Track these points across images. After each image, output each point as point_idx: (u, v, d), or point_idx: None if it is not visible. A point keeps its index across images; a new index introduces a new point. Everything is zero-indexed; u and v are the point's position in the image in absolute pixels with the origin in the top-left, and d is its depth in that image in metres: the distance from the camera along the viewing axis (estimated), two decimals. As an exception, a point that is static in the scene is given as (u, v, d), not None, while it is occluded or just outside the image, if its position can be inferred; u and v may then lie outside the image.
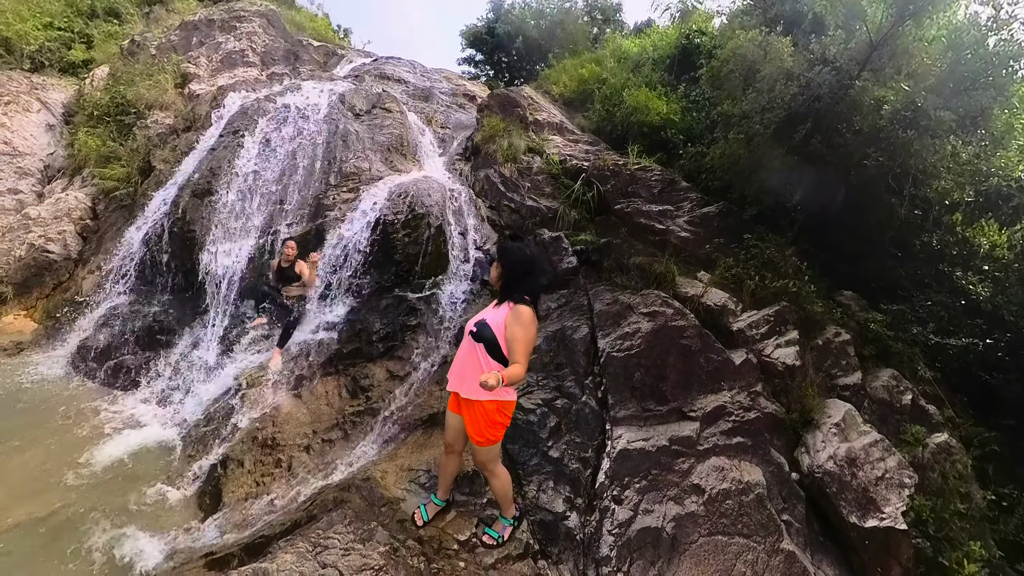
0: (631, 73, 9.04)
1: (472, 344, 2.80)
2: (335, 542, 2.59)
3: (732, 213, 5.79)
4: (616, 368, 4.38)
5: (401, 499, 3.27)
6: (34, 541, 3.40)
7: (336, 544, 2.57)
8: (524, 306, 2.77)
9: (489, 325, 2.75)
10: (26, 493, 3.78)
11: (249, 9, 9.50)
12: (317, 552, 2.50)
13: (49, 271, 6.73)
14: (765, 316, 4.77)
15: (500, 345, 2.73)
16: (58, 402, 5.04)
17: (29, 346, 5.95)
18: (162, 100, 7.75)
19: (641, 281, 5.37)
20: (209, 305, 6.03)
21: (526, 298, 2.80)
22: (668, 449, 3.83)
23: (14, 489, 3.80)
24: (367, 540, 2.66)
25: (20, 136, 7.87)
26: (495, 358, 2.73)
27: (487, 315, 2.86)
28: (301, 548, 2.54)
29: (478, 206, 7.06)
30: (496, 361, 2.73)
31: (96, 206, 7.33)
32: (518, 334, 2.66)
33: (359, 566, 2.37)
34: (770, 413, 4.16)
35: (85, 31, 9.40)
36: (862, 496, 3.67)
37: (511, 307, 2.78)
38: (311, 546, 2.56)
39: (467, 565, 2.88)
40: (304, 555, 2.45)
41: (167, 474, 4.31)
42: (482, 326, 2.75)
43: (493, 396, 2.75)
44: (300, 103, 7.15)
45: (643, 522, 3.45)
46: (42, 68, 8.85)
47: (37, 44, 8.89)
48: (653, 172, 6.61)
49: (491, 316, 2.83)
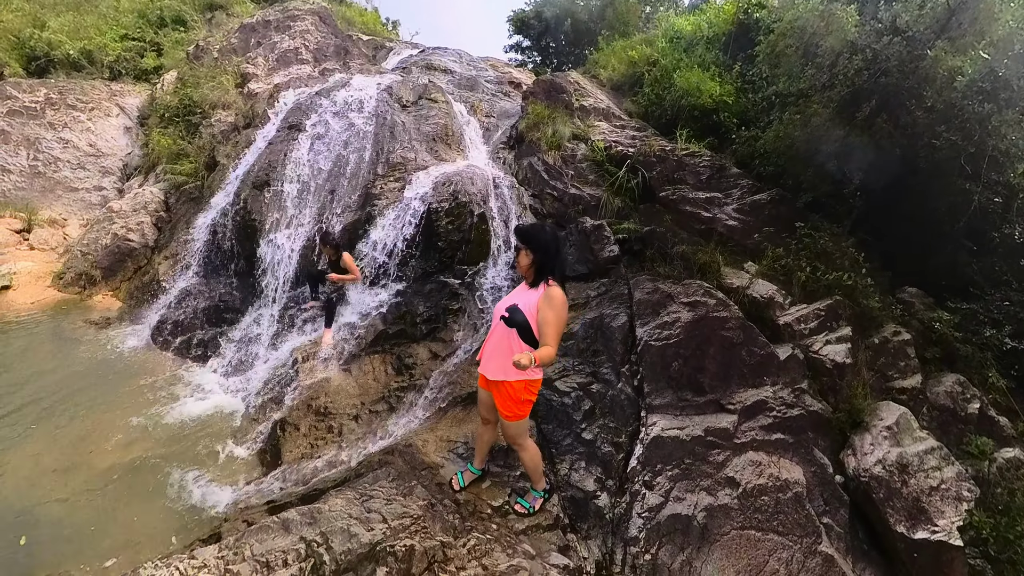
0: (683, 54, 8.68)
1: (504, 328, 2.82)
2: (379, 493, 2.85)
3: (785, 201, 5.50)
4: (653, 357, 4.34)
5: (440, 465, 3.47)
6: (123, 481, 3.93)
7: (380, 495, 2.82)
8: (556, 288, 2.80)
9: (520, 309, 2.72)
10: (116, 443, 4.35)
11: (302, 8, 9.94)
12: (363, 500, 2.76)
13: (130, 257, 7.46)
14: (815, 310, 4.54)
15: (532, 328, 2.73)
16: (140, 369, 5.66)
17: (115, 321, 6.64)
18: (224, 100, 8.34)
19: (685, 271, 5.26)
20: (268, 287, 6.52)
21: (557, 279, 2.84)
22: (703, 440, 3.78)
23: (106, 439, 4.37)
24: (408, 495, 2.89)
25: (102, 139, 8.77)
26: (527, 341, 2.73)
27: (518, 298, 2.87)
28: (349, 495, 2.81)
29: (520, 194, 7.10)
30: (527, 344, 2.74)
31: (168, 199, 8.02)
32: (549, 317, 2.71)
33: (400, 514, 2.59)
34: (815, 411, 3.99)
35: (155, 40, 10.22)
36: (912, 505, 3.47)
37: (544, 289, 2.81)
38: (358, 495, 2.82)
39: (499, 528, 3.01)
40: (352, 501, 2.72)
41: (233, 434, 4.77)
42: (514, 311, 2.71)
43: (521, 375, 2.83)
44: (350, 97, 7.45)
45: (674, 508, 3.45)
46: (119, 76, 9.75)
47: (115, 55, 9.81)
48: (702, 158, 6.38)
49: (523, 300, 2.84)
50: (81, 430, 4.43)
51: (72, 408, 4.71)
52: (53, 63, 9.32)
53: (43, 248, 7.71)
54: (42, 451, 4.11)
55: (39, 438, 4.26)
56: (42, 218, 8.00)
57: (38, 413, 4.57)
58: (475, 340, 5.44)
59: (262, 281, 6.59)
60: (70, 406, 4.73)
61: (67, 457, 4.09)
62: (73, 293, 7.08)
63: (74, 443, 4.26)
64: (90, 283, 7.20)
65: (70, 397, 4.86)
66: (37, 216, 7.98)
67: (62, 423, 4.48)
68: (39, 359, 5.51)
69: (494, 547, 2.72)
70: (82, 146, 8.71)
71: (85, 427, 4.48)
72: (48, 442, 4.23)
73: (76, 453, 4.15)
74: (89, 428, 4.48)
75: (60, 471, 3.93)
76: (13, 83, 8.70)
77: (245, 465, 4.43)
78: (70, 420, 4.54)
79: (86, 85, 9.08)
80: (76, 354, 5.75)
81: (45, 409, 4.63)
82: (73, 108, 8.75)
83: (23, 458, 4.01)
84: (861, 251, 4.77)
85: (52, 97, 8.72)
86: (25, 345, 5.75)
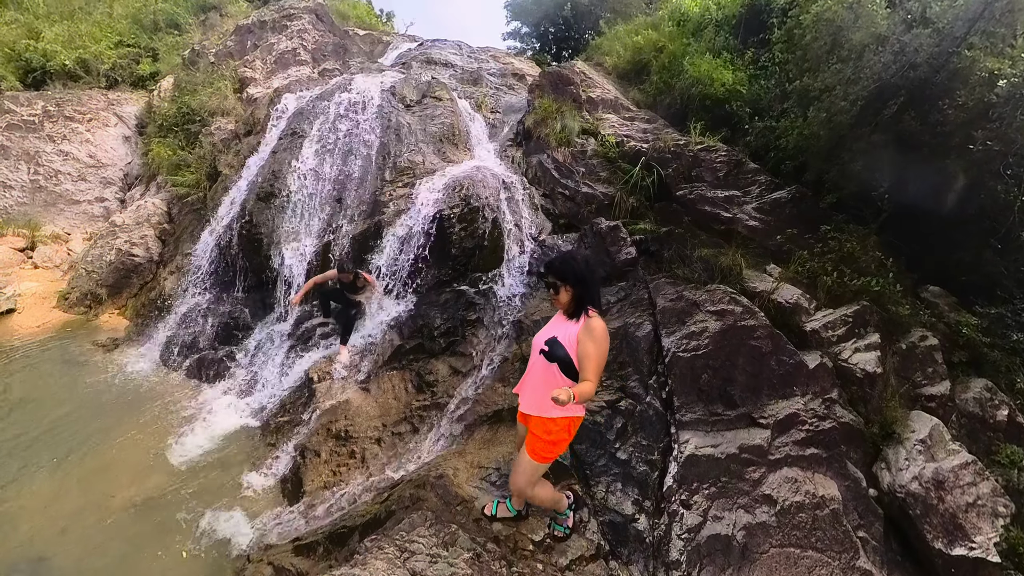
0: (692, 38, 8.41)
1: (543, 362, 2.71)
2: (420, 547, 2.73)
3: (807, 199, 5.38)
4: (683, 369, 4.29)
5: (474, 497, 3.40)
6: (140, 520, 3.84)
7: (421, 549, 2.71)
8: (597, 319, 2.68)
9: (561, 343, 2.61)
10: (130, 478, 4.26)
11: (298, 6, 9.60)
12: (405, 558, 2.65)
13: (135, 273, 7.34)
14: (843, 316, 4.47)
15: (573, 362, 2.61)
16: (151, 392, 5.57)
17: (123, 341, 6.55)
18: (223, 106, 8.14)
19: (705, 274, 5.17)
20: (277, 303, 6.41)
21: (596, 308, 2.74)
22: (738, 457, 3.75)
23: (120, 475, 4.29)
24: (451, 545, 2.80)
25: (102, 149, 8.59)
26: (568, 375, 2.62)
27: (557, 331, 2.74)
28: (389, 553, 2.67)
29: (532, 195, 6.94)
30: (569, 379, 2.62)
31: (171, 210, 7.87)
32: (590, 351, 2.57)
33: (449, 575, 2.49)
34: (847, 423, 3.96)
35: (150, 45, 9.93)
36: (950, 522, 3.46)
37: (584, 320, 2.69)
38: (398, 551, 2.69)
39: (544, 567, 2.96)
40: (394, 562, 2.59)
41: (251, 460, 4.70)
42: (554, 344, 2.59)
43: (563, 412, 2.74)
44: (353, 99, 7.21)
45: (713, 528, 3.45)
46: (116, 84, 9.52)
47: (110, 62, 9.54)
48: (718, 153, 6.22)
49: (562, 332, 2.71)
50: (94, 465, 4.34)
51: (83, 441, 4.61)
52: (49, 74, 9.04)
53: (47, 266, 7.58)
54: (55, 491, 4.01)
55: (51, 476, 4.16)
56: (45, 234, 7.85)
57: (50, 448, 4.46)
58: (495, 353, 5.38)
59: (272, 297, 6.50)
60: (81, 439, 4.63)
61: (81, 496, 3.99)
62: (79, 313, 6.99)
63: (87, 480, 4.17)
64: (96, 302, 7.09)
65: (81, 429, 4.76)
66: (40, 232, 7.83)
67: (74, 459, 4.38)
68: (49, 389, 5.40)
69: None
70: (82, 158, 8.50)
71: (98, 462, 4.39)
72: (61, 480, 4.13)
73: (90, 491, 4.05)
74: (102, 463, 4.39)
75: (75, 513, 3.82)
76: (11, 97, 8.46)
77: (266, 495, 4.37)
78: (82, 455, 4.44)
79: (83, 95, 8.84)
80: (85, 381, 5.65)
81: (56, 443, 4.53)
82: (71, 119, 8.51)
83: (36, 500, 3.89)
84: (888, 254, 4.68)
85: (50, 109, 8.49)
86: (34, 373, 5.64)
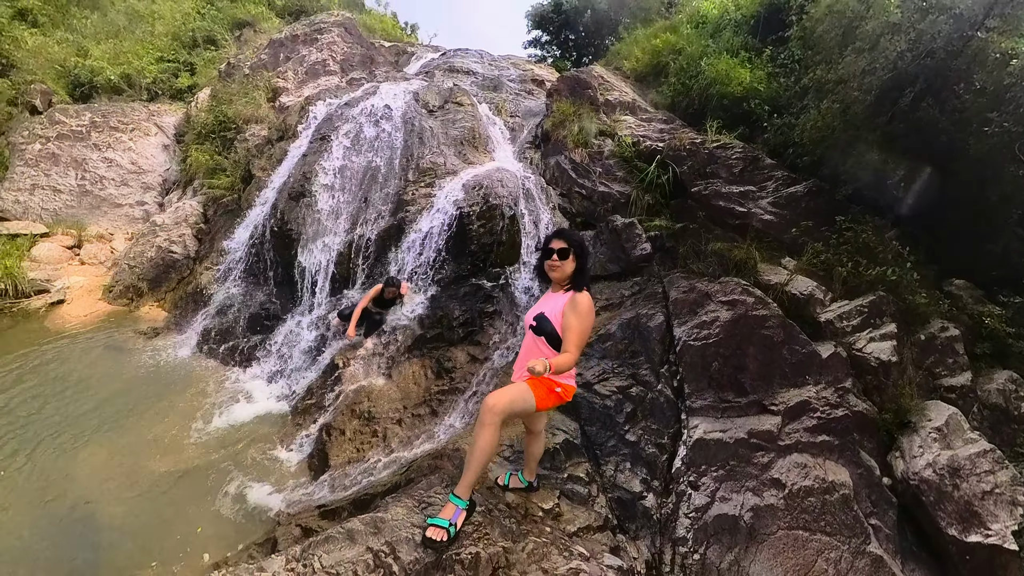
0: (710, 39, 8.48)
1: (533, 337, 2.82)
2: (436, 500, 2.85)
3: (823, 192, 5.38)
4: (693, 357, 4.36)
5: (488, 469, 3.47)
6: (180, 485, 4.16)
7: (438, 502, 2.81)
8: (584, 294, 2.75)
9: (548, 318, 2.73)
10: (171, 446, 4.61)
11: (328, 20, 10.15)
12: (422, 507, 2.79)
13: (173, 268, 7.80)
14: (858, 307, 4.46)
15: (559, 335, 2.70)
16: (189, 377, 5.92)
17: (163, 330, 6.95)
18: (257, 115, 8.66)
19: (720, 269, 5.22)
20: (305, 295, 6.73)
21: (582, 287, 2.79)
22: (747, 442, 3.80)
23: (162, 446, 4.62)
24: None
25: (143, 157, 9.24)
26: (556, 348, 2.70)
27: (545, 307, 2.84)
28: (408, 503, 2.80)
29: (549, 194, 7.11)
30: (556, 351, 2.70)
31: (207, 211, 8.36)
32: (572, 323, 2.64)
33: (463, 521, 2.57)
34: (860, 412, 3.95)
35: (188, 60, 10.70)
36: (964, 509, 3.43)
37: (572, 295, 2.75)
38: (416, 503, 2.83)
39: (552, 531, 3.01)
40: (412, 509, 2.74)
41: (280, 438, 4.98)
42: (541, 319, 2.74)
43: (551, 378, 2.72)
44: (379, 105, 7.56)
45: (720, 509, 3.50)
46: (156, 97, 10.28)
47: (151, 77, 10.36)
48: (734, 150, 6.27)
49: (549, 307, 2.80)
50: (138, 437, 4.69)
51: (129, 417, 4.98)
52: (96, 88, 9.83)
53: (92, 262, 8.12)
54: (104, 458, 4.37)
55: (101, 446, 4.52)
56: (91, 234, 8.42)
57: (99, 422, 4.84)
58: (512, 342, 5.54)
59: (301, 289, 6.81)
60: (127, 415, 5.00)
61: (127, 463, 4.34)
62: (122, 305, 7.44)
63: (132, 450, 4.51)
64: (137, 295, 7.55)
65: (126, 406, 5.14)
66: (86, 232, 8.40)
67: (121, 431, 4.75)
68: (98, 370, 5.81)
69: (551, 550, 2.74)
70: (125, 164, 9.13)
71: (141, 434, 4.74)
72: (109, 449, 4.49)
73: (135, 459, 4.40)
74: (145, 435, 4.73)
75: (121, 477, 4.18)
76: (61, 109, 9.20)
77: (294, 469, 4.64)
78: (128, 428, 4.79)
79: (126, 107, 9.57)
80: (129, 364, 6.07)
81: (104, 418, 4.90)
82: (115, 129, 9.19)
83: (87, 465, 4.27)
84: (906, 244, 4.64)
85: (96, 120, 9.19)
86: (84, 357, 6.08)
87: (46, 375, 5.48)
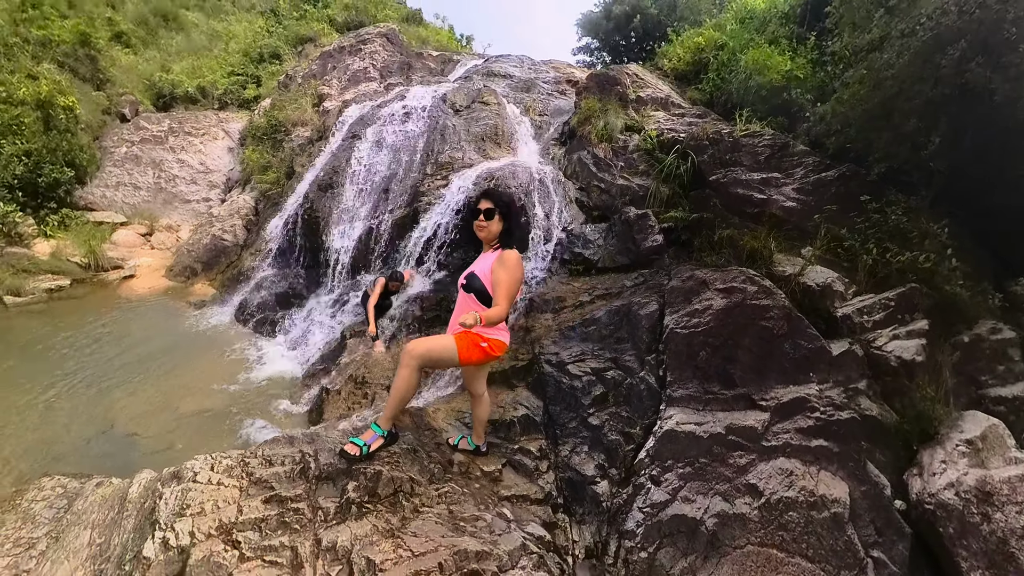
0: (755, 33, 7.99)
1: (465, 296, 2.92)
2: None
3: (856, 177, 4.74)
4: (679, 345, 3.96)
5: (443, 430, 3.53)
6: (202, 422, 4.81)
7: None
8: (511, 251, 2.83)
9: (477, 275, 2.84)
10: (201, 392, 5.31)
11: (372, 32, 10.90)
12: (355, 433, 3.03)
13: (224, 253, 8.58)
14: (883, 300, 3.82)
15: (488, 292, 2.80)
16: (224, 339, 6.70)
17: (209, 304, 7.72)
18: (303, 118, 9.49)
19: (734, 260, 4.77)
20: (327, 277, 7.10)
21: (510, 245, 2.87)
22: (723, 439, 3.34)
23: (192, 390, 5.33)
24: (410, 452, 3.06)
25: (210, 158, 10.35)
26: (486, 305, 2.80)
27: (476, 267, 2.93)
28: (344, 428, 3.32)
29: (566, 188, 6.98)
30: (486, 307, 2.79)
31: (257, 205, 9.17)
32: (501, 277, 2.72)
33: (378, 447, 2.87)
34: (872, 417, 3.33)
35: (255, 73, 11.98)
36: (996, 550, 2.70)
37: (500, 252, 2.83)
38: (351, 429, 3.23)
39: (482, 488, 3.05)
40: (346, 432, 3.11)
41: (290, 394, 5.55)
42: (471, 277, 2.87)
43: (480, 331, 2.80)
44: (407, 106, 7.93)
45: (680, 509, 3.08)
46: (226, 106, 11.55)
47: (223, 88, 11.67)
48: (762, 137, 5.78)
49: (480, 267, 2.89)
50: (175, 382, 5.45)
51: (170, 366, 5.78)
52: (175, 98, 11.28)
53: (160, 248, 9.13)
54: (146, 395, 5.15)
55: (145, 385, 5.33)
56: (161, 224, 9.50)
57: (147, 367, 5.68)
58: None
59: (323, 271, 7.21)
60: (169, 364, 5.81)
61: (163, 400, 5.08)
62: (179, 282, 8.32)
63: (169, 391, 5.26)
64: (192, 274, 8.39)
65: (170, 358, 5.95)
66: (158, 223, 9.49)
67: (162, 376, 5.54)
68: (154, 330, 6.76)
69: (468, 499, 2.77)
70: (195, 165, 10.26)
71: (178, 380, 5.49)
72: (151, 389, 5.27)
73: (170, 398, 5.12)
74: (181, 381, 5.47)
75: (158, 409, 4.92)
76: (145, 117, 10.64)
77: (296, 420, 5.10)
78: (167, 374, 5.58)
79: (199, 115, 10.85)
80: (178, 327, 6.98)
81: (152, 365, 5.75)
82: (189, 134, 10.43)
83: (134, 397, 5.10)
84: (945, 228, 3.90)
85: (173, 126, 10.50)
86: (144, 319, 7.11)
87: (113, 331, 6.47)
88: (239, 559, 2.15)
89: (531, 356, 4.47)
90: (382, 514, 2.46)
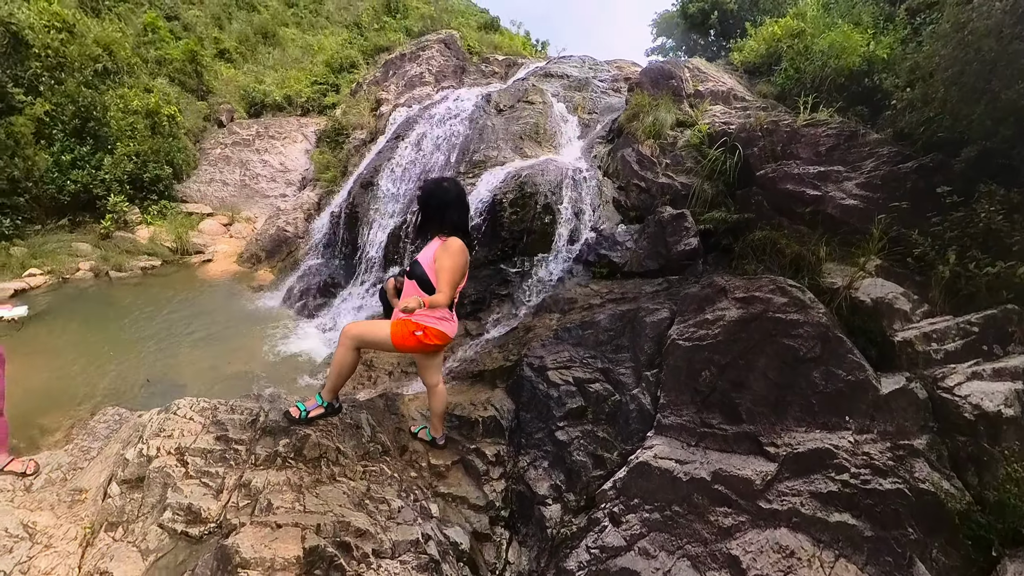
0: (840, 18, 6.87)
1: (408, 282, 2.96)
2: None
3: (940, 169, 3.71)
4: (677, 360, 3.33)
5: (413, 419, 3.60)
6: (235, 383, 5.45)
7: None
8: (455, 239, 2.84)
9: (420, 263, 2.88)
10: (243, 358, 6.09)
11: (432, 38, 11.22)
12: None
13: (285, 244, 9.24)
14: (962, 324, 2.88)
15: (431, 279, 2.81)
16: (269, 318, 7.42)
17: (266, 288, 8.49)
18: (361, 122, 10.14)
19: (777, 268, 4.00)
20: (361, 268, 7.30)
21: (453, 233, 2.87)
22: (708, 487, 2.66)
23: (234, 357, 6.08)
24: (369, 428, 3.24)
25: (289, 159, 11.28)
26: (428, 292, 2.80)
27: (421, 255, 2.95)
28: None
29: (602, 186, 6.48)
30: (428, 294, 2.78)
31: (320, 201, 9.75)
32: (444, 263, 2.75)
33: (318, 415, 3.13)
34: (931, 493, 2.44)
35: (335, 82, 12.88)
36: None
37: (442, 241, 2.84)
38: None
39: (417, 477, 3.07)
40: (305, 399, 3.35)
41: (311, 371, 5.99)
42: (414, 264, 2.92)
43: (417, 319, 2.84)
44: (449, 108, 8.02)
45: (634, 562, 2.48)
46: (308, 112, 12.50)
47: (306, 97, 12.61)
48: (828, 126, 4.88)
49: (424, 255, 2.91)
50: (224, 349, 6.30)
51: (224, 337, 6.63)
52: (265, 106, 12.44)
53: (238, 237, 10.03)
54: (198, 356, 6.05)
55: (199, 349, 6.24)
56: (241, 216, 10.45)
57: (204, 336, 6.60)
58: (508, 324, 5.22)
59: (359, 262, 7.44)
60: (223, 336, 6.68)
61: (211, 363, 5.92)
62: (246, 268, 9.12)
63: (218, 356, 6.11)
64: (257, 261, 9.15)
65: (224, 331, 6.83)
66: (239, 215, 10.46)
67: (215, 344, 6.41)
68: (215, 306, 7.69)
69: (392, 485, 2.77)
70: (275, 165, 11.20)
71: (226, 348, 6.34)
72: (203, 353, 6.15)
73: (217, 362, 5.96)
74: (228, 348, 6.32)
75: (205, 370, 5.76)
76: (238, 123, 11.97)
77: (311, 391, 5.40)
78: (219, 343, 6.45)
79: (284, 121, 11.90)
80: (235, 305, 7.88)
81: (208, 334, 6.66)
82: (272, 138, 11.47)
83: (188, 358, 6.01)
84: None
85: (260, 131, 11.63)
86: (210, 297, 8.08)
87: (185, 305, 7.55)
88: (184, 475, 2.64)
89: (518, 356, 4.07)
90: (299, 471, 2.73)
